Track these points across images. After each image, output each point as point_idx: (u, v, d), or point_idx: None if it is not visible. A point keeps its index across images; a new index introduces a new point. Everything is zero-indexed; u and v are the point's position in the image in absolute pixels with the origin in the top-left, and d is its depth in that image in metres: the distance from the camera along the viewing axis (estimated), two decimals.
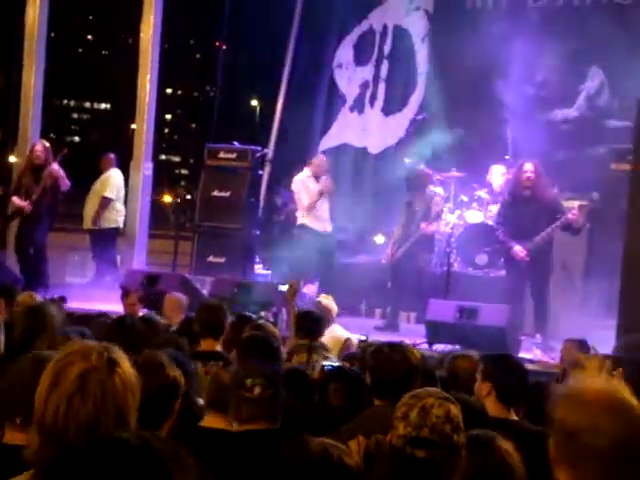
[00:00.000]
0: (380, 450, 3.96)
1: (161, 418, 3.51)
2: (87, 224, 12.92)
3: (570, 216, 9.92)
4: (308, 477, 2.44)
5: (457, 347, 8.62)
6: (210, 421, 4.26)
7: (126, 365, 2.64)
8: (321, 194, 11.52)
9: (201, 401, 4.58)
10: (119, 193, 12.85)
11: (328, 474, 2.44)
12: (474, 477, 3.06)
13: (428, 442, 2.80)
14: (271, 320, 8.47)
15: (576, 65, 12.90)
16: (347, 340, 7.60)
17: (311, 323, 6.76)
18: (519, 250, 10.02)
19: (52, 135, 18.49)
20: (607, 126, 12.61)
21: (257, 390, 4.10)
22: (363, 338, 7.45)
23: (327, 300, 8.67)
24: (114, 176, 12.86)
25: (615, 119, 12.41)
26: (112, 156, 13.03)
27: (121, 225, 12.92)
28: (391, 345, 4.73)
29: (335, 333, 8.26)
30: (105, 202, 12.68)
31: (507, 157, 12.15)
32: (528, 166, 10.17)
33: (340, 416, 4.60)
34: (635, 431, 2.38)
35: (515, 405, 4.83)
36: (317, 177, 11.65)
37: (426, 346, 9.31)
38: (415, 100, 14.21)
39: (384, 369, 4.49)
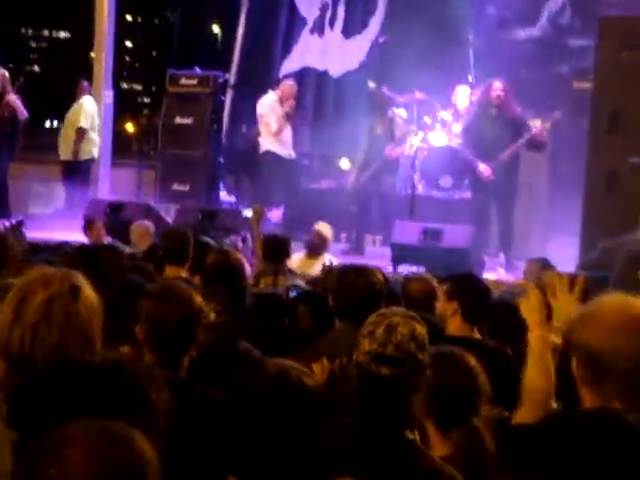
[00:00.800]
0: (344, 372, 4.00)
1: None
2: (65, 155, 12.66)
3: (534, 130, 9.99)
4: (266, 398, 2.45)
5: (422, 269, 8.66)
6: None
7: (88, 290, 2.64)
8: (288, 117, 11.45)
9: None
10: (93, 122, 12.61)
11: (286, 395, 2.45)
12: (441, 392, 3.12)
13: (392, 359, 2.82)
14: (240, 245, 8.49)
15: None
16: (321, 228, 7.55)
17: (277, 247, 6.78)
18: (484, 169, 10.07)
19: (10, 65, 18.16)
20: (569, 45, 12.58)
21: (212, 315, 4.10)
22: (327, 262, 7.46)
23: (324, 228, 8.66)
24: (87, 104, 12.62)
25: (577, 38, 12.39)
26: (85, 83, 12.80)
27: (96, 155, 12.70)
28: (354, 268, 4.75)
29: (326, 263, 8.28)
30: (80, 133, 12.40)
31: (470, 78, 12.11)
32: (497, 84, 10.25)
33: (309, 339, 4.64)
34: None
35: (478, 324, 4.90)
36: (282, 102, 11.56)
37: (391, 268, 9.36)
38: (375, 22, 14.07)
39: (347, 291, 4.49)
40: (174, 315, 3.47)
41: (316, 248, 8.47)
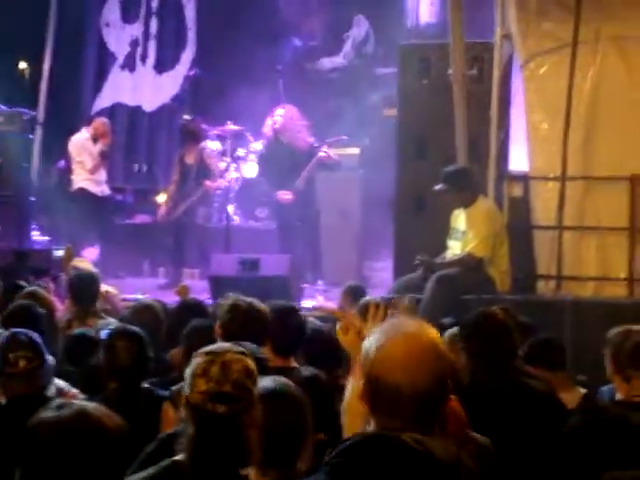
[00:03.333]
0: None
1: None
2: None
3: (320, 155, 10.20)
4: (60, 440, 2.42)
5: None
6: None
7: None
8: (103, 155, 11.34)
9: None
10: None
11: (82, 436, 2.42)
12: (274, 429, 3.08)
13: (229, 397, 2.80)
14: (52, 286, 8.29)
15: (341, 14, 13.10)
16: (106, 292, 7.37)
17: (84, 287, 6.62)
18: (283, 193, 10.22)
19: None
20: (375, 73, 12.86)
21: (22, 363, 4.02)
22: (140, 297, 7.34)
23: (83, 263, 8.49)
24: None
25: (382, 66, 12.67)
26: None
27: None
28: (246, 302, 4.76)
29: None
30: None
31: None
32: (278, 111, 10.48)
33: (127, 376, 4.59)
34: (434, 379, 2.48)
35: (293, 355, 4.91)
36: (95, 139, 11.45)
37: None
38: (187, 56, 14.10)
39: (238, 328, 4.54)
40: None
41: None
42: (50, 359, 4.43)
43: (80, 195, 11.44)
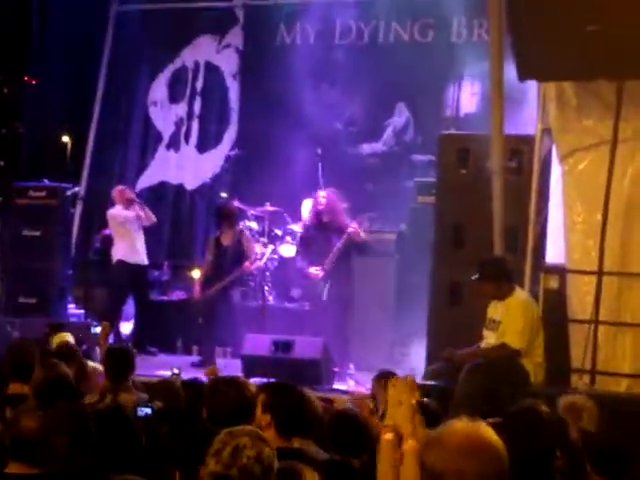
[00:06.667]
0: None
1: None
2: None
3: (350, 230, 10.28)
4: None
5: (272, 380, 8.65)
6: (14, 467, 4.17)
7: None
8: (132, 202, 11.53)
9: None
10: None
11: None
12: None
13: None
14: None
15: (383, 101, 13.27)
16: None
17: (117, 362, 6.63)
18: (314, 270, 10.31)
19: None
20: (413, 160, 12.98)
21: (64, 446, 4.04)
22: (176, 372, 7.32)
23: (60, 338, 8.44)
24: None
25: (420, 154, 12.81)
26: None
27: None
28: (226, 379, 4.79)
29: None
30: None
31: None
32: (321, 193, 10.64)
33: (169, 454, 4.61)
34: (496, 471, 2.55)
35: (296, 435, 4.86)
36: (126, 207, 11.69)
37: None
38: (229, 136, 14.31)
39: (220, 403, 4.57)
40: None
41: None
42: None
43: (119, 267, 11.58)
